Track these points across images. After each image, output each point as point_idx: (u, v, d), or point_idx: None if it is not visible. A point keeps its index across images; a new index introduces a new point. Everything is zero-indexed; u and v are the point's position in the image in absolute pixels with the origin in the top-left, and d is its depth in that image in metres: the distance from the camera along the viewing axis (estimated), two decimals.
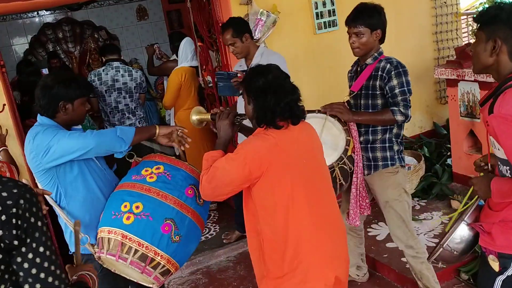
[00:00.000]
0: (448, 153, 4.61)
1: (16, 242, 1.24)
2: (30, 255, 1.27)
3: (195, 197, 2.38)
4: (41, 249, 1.28)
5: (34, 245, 1.27)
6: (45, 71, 6.20)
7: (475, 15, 2.01)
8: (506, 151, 1.84)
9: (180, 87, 4.49)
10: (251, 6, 4.06)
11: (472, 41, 5.12)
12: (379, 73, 2.81)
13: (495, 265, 2.00)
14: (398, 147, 2.93)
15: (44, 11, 7.36)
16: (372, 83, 2.84)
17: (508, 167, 1.92)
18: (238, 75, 3.41)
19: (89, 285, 1.60)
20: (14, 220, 1.24)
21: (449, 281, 3.34)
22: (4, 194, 1.25)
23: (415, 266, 3.00)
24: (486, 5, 5.80)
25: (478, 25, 1.96)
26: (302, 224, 2.11)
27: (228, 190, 2.13)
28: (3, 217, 1.22)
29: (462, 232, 2.12)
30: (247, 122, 2.40)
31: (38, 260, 1.27)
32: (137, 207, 2.24)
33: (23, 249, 1.26)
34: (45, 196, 2.07)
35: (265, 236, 2.14)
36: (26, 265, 1.26)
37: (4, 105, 3.58)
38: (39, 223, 1.29)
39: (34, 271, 1.27)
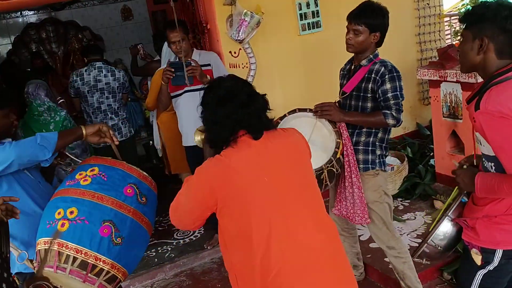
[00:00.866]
0: (431, 154, 4.65)
1: None
2: None
3: (135, 196, 2.24)
4: None
5: None
6: None
7: (460, 16, 2.04)
8: (493, 146, 1.86)
9: None
10: (234, 6, 4.05)
11: (455, 42, 5.19)
12: (373, 75, 2.79)
13: (477, 259, 2.05)
14: (381, 152, 2.92)
15: (27, 11, 7.29)
16: (364, 85, 2.83)
17: (493, 163, 1.95)
18: (192, 64, 3.57)
19: None
20: None
21: (432, 281, 3.36)
22: None
23: (397, 266, 3.02)
24: (469, 7, 5.86)
25: (464, 25, 1.99)
26: (280, 254, 1.84)
27: (192, 219, 1.97)
28: None
29: (445, 228, 2.16)
30: None
31: None
32: (71, 212, 2.10)
33: None
34: None
35: (237, 272, 1.96)
36: None
37: None
38: None
39: None
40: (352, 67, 2.96)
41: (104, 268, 2.09)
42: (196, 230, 4.36)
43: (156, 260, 4.14)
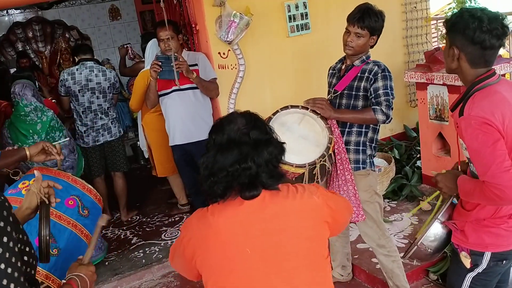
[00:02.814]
0: (418, 155, 4.69)
1: None
2: None
3: (77, 208, 2.19)
4: (2, 266, 1.24)
5: None
6: (13, 71, 6.07)
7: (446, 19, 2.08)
8: (469, 151, 1.91)
9: (145, 90, 4.40)
10: (224, 8, 4.05)
11: (441, 45, 5.24)
12: (366, 74, 2.84)
13: (466, 262, 2.07)
14: (370, 152, 2.96)
15: (14, 10, 7.22)
16: (356, 84, 2.87)
17: None
18: (180, 58, 3.66)
19: None
20: None
21: (418, 281, 3.40)
22: None
23: (386, 264, 3.05)
24: (455, 10, 5.92)
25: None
26: None
27: (186, 274, 1.79)
28: None
29: (435, 230, 2.18)
30: None
31: None
32: None
33: None
34: None
35: None
36: None
37: None
38: (5, 239, 1.26)
39: None
40: (343, 66, 2.99)
41: (38, 279, 2.02)
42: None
43: (143, 261, 4.12)
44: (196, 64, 3.93)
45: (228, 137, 1.62)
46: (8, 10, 7.21)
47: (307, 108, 2.83)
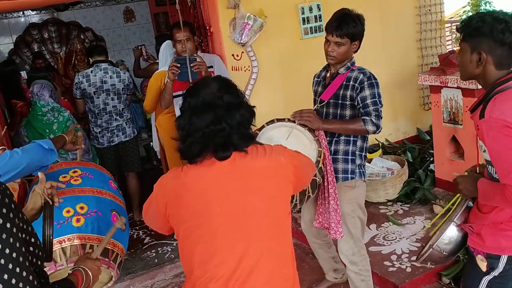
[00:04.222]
0: (431, 159, 4.67)
1: None
2: None
3: (118, 188, 2.47)
4: (7, 251, 1.26)
5: None
6: (23, 73, 6.14)
7: (458, 25, 2.05)
8: (490, 154, 1.89)
9: (160, 92, 4.44)
10: (238, 10, 4.08)
11: (456, 48, 5.22)
12: (351, 83, 2.75)
13: (483, 265, 2.06)
14: (360, 161, 2.86)
15: (30, 11, 7.31)
16: (342, 92, 2.78)
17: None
18: (197, 59, 3.62)
19: (77, 285, 1.58)
20: None
21: (430, 285, 3.38)
22: None
23: (355, 281, 2.99)
24: (470, 13, 5.90)
25: (461, 35, 2.00)
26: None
27: (159, 227, 1.91)
28: None
29: (451, 233, 2.16)
30: None
31: (2, 261, 1.25)
32: (81, 208, 2.21)
33: None
34: None
35: None
36: None
37: None
38: (8, 225, 1.28)
39: None
40: (328, 74, 2.91)
41: (118, 253, 2.26)
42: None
43: (156, 260, 4.15)
44: (211, 66, 3.95)
45: (203, 100, 1.73)
46: (25, 12, 7.30)
47: (293, 121, 2.74)
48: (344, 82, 2.78)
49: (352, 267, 2.96)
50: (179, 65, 3.68)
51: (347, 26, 2.69)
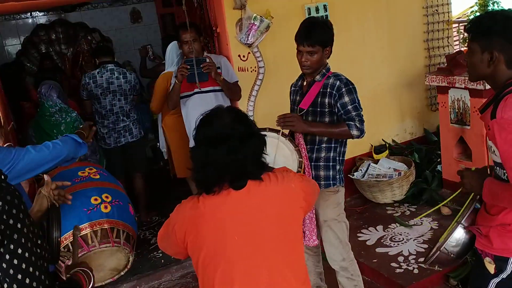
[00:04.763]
0: (438, 160, 4.65)
1: None
2: (7, 257, 1.28)
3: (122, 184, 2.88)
4: (19, 251, 1.28)
5: (12, 246, 1.28)
6: (28, 79, 6.16)
7: (467, 25, 2.04)
8: (501, 155, 1.87)
9: (166, 92, 4.45)
10: (244, 11, 4.07)
11: (463, 49, 5.19)
12: (329, 90, 2.76)
13: (491, 268, 2.05)
14: (339, 166, 2.87)
15: (37, 12, 7.34)
16: (320, 100, 2.79)
17: (505, 171, 1.95)
18: (207, 60, 3.65)
19: (83, 284, 1.60)
20: None
21: (438, 287, 3.36)
22: None
23: (348, 287, 2.99)
24: (478, 13, 5.86)
25: (471, 35, 1.98)
26: None
27: (174, 253, 1.98)
28: None
29: (458, 235, 2.16)
30: None
31: (16, 261, 1.28)
32: (106, 197, 2.49)
33: (1, 250, 1.27)
34: None
35: None
36: (4, 266, 1.27)
37: None
38: (19, 225, 1.30)
39: (11, 272, 1.28)
40: (305, 83, 2.91)
41: (135, 239, 2.60)
42: None
43: (162, 261, 4.16)
44: (219, 67, 3.96)
45: (217, 131, 1.78)
46: (32, 13, 7.33)
47: (276, 131, 2.71)
48: (322, 90, 2.79)
49: (343, 272, 2.96)
50: (189, 66, 3.68)
51: (316, 34, 2.71)
